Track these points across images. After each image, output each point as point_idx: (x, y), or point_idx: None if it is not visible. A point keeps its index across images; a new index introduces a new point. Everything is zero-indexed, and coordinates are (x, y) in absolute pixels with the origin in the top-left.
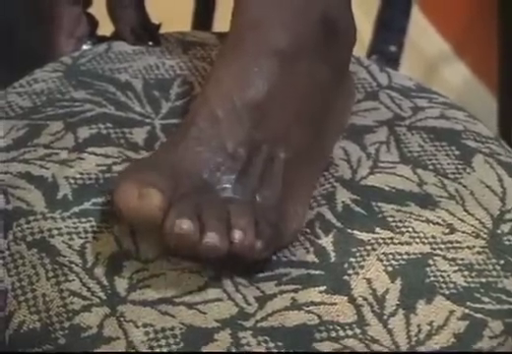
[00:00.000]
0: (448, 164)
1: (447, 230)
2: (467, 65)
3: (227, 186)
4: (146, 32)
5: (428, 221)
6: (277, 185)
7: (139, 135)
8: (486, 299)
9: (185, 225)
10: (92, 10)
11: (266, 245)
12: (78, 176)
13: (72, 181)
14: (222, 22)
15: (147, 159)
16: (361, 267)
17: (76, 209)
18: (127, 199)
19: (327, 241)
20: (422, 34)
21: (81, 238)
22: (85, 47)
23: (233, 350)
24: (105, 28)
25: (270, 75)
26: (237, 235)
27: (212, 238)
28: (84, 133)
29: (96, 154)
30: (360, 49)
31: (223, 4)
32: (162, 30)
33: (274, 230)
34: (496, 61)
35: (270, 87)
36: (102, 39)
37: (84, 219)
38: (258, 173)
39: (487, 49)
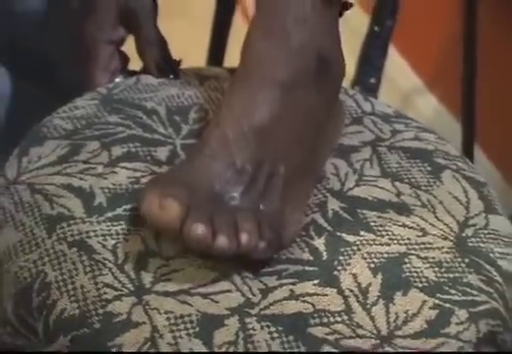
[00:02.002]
0: (421, 178)
1: (420, 233)
2: (436, 96)
3: (235, 196)
4: (168, 67)
5: (404, 226)
6: (277, 195)
7: (162, 152)
8: (453, 291)
9: (200, 230)
10: (123, 48)
11: (268, 245)
12: (111, 186)
13: (106, 191)
14: (232, 58)
15: (167, 174)
16: (348, 264)
17: (109, 215)
18: (150, 208)
19: (319, 242)
20: (398, 70)
21: (113, 239)
22: (117, 80)
23: (241, 334)
24: (135, 63)
25: (272, 103)
26: (244, 237)
27: (222, 240)
28: (116, 151)
29: (126, 169)
30: (345, 81)
31: (233, 43)
32: (182, 66)
33: (275, 233)
34: (460, 94)
35: (272, 113)
36: (132, 73)
37: (116, 223)
38: (261, 186)
39: (453, 84)
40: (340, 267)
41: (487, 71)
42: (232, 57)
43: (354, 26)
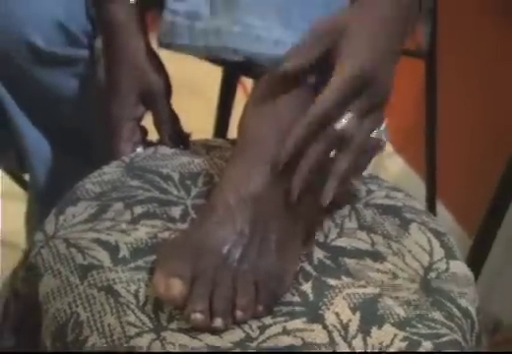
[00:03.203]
0: (392, 230)
1: (392, 277)
2: (403, 159)
3: (236, 258)
4: (180, 139)
5: (378, 271)
6: (272, 254)
7: (176, 211)
8: (420, 326)
9: (199, 317)
10: (143, 122)
11: (266, 307)
12: (133, 241)
13: (129, 245)
14: (235, 130)
15: (179, 240)
16: (331, 304)
17: (132, 265)
18: (158, 288)
19: (307, 286)
20: None
21: (135, 285)
22: (138, 150)
23: None
24: (152, 135)
25: (264, 175)
26: (239, 314)
27: (218, 322)
28: (137, 210)
29: (146, 226)
30: None
31: (236, 118)
32: (192, 138)
33: (272, 295)
34: (424, 157)
35: (265, 184)
36: (151, 144)
37: (137, 272)
38: (257, 246)
39: (418, 148)
40: (324, 307)
41: (447, 138)
42: (235, 129)
43: None
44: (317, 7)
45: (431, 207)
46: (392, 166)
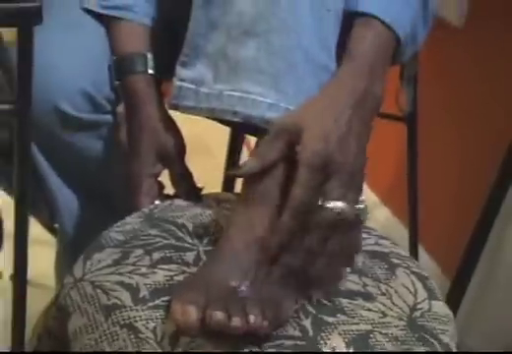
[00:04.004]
0: (381, 273)
1: (381, 315)
2: (389, 209)
3: (243, 289)
4: (193, 193)
5: (369, 310)
6: (274, 287)
7: (190, 256)
8: None
9: (219, 315)
10: (160, 178)
11: (269, 324)
12: (152, 283)
13: (148, 286)
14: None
15: (192, 278)
16: (328, 339)
17: (151, 304)
18: (175, 314)
19: (307, 322)
20: None
21: (153, 322)
22: (156, 202)
23: None
24: (169, 189)
25: (266, 223)
26: (252, 318)
27: (236, 321)
28: (156, 256)
29: (163, 269)
30: None
31: None
32: (204, 191)
33: (274, 315)
34: (407, 208)
35: (265, 230)
36: (167, 197)
37: (155, 310)
38: (261, 281)
39: (401, 200)
40: (322, 342)
41: (427, 191)
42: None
43: None
44: (307, 76)
45: (414, 252)
46: (379, 215)
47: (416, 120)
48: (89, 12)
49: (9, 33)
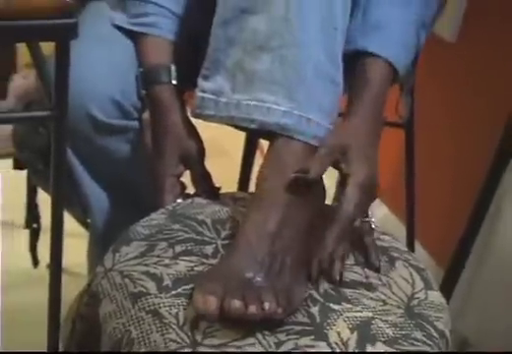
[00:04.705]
0: (382, 266)
1: (382, 303)
2: (387, 207)
3: (259, 280)
4: (212, 192)
5: (371, 298)
6: (287, 277)
7: (209, 249)
8: (405, 343)
9: (237, 303)
10: (182, 179)
11: (283, 310)
12: (174, 273)
13: (171, 276)
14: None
15: (212, 269)
16: (334, 325)
17: (173, 292)
18: (196, 303)
19: (315, 310)
20: None
21: (176, 308)
22: (179, 200)
23: None
24: (190, 189)
25: (277, 217)
26: (267, 305)
27: (253, 308)
28: (178, 249)
29: (185, 261)
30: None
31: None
32: (221, 191)
33: (287, 302)
34: (404, 205)
35: (278, 223)
36: (188, 196)
37: (178, 298)
38: (276, 271)
39: (400, 199)
40: (328, 328)
41: (423, 190)
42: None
43: None
44: (316, 86)
45: (411, 246)
46: (378, 213)
47: (413, 126)
48: (119, 28)
49: (47, 47)
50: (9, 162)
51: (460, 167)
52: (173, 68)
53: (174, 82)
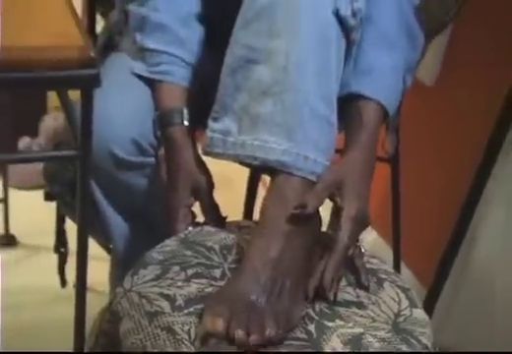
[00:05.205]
0: (371, 286)
1: (371, 320)
2: (376, 232)
3: (261, 302)
4: (219, 221)
5: (362, 316)
6: (287, 299)
7: (217, 273)
8: None
9: (240, 334)
10: (193, 209)
11: (283, 332)
12: (186, 294)
13: (184, 296)
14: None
15: (220, 292)
16: (329, 340)
17: (186, 311)
18: (206, 325)
19: (311, 327)
20: None
21: (188, 326)
22: (190, 228)
23: None
24: (200, 218)
25: (279, 245)
26: (268, 331)
27: (254, 337)
28: (189, 272)
29: (195, 283)
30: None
31: (259, 205)
32: (228, 220)
33: (287, 322)
34: (391, 231)
35: (280, 250)
36: (199, 224)
37: (190, 316)
38: (276, 294)
39: (387, 225)
40: (324, 343)
41: (408, 217)
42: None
43: None
44: (312, 127)
45: (397, 267)
46: (369, 237)
47: (398, 161)
48: (138, 76)
49: (73, 93)
50: (40, 193)
51: (442, 196)
52: (185, 111)
53: (186, 123)
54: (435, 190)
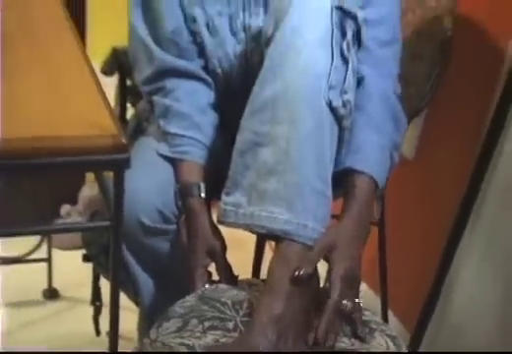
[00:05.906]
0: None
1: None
2: (366, 285)
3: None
4: (232, 279)
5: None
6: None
7: (230, 325)
8: None
9: None
10: (209, 269)
11: None
12: (204, 344)
13: (201, 346)
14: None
15: (234, 344)
16: None
17: None
18: None
19: None
20: None
21: None
22: (206, 286)
23: None
24: (215, 276)
25: (285, 303)
26: None
27: None
28: (206, 324)
29: (211, 334)
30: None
31: (266, 265)
32: (239, 278)
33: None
34: (379, 286)
35: (283, 307)
36: (214, 282)
37: None
38: (280, 346)
39: (375, 278)
40: None
41: (394, 272)
42: (266, 273)
43: None
44: (310, 200)
45: (384, 315)
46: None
47: (384, 224)
48: (162, 156)
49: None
50: (80, 253)
51: (423, 253)
52: (202, 185)
53: (203, 195)
54: (417, 247)
